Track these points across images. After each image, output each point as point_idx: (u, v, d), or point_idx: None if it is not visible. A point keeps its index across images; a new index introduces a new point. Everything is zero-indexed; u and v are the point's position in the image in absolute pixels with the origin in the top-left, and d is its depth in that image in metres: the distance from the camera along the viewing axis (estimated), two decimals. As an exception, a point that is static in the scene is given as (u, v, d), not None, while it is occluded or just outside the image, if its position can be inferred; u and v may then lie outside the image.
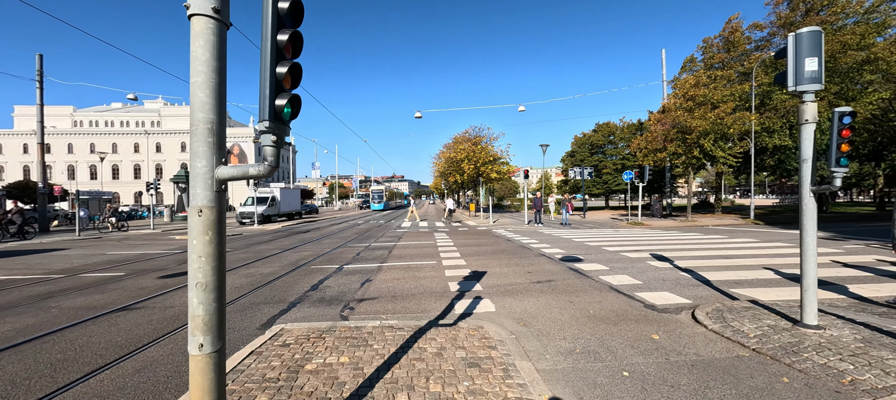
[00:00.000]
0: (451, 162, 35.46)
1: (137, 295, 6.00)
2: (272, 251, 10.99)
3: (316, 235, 16.24)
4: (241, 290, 6.21)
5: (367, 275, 7.37)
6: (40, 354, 3.70)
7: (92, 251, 11.91)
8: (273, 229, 19.58)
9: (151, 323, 4.59)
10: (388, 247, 11.62)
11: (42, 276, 7.90)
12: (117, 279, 7.36)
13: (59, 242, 14.96)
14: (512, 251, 10.36)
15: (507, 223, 21.60)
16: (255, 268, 8.29)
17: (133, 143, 65.85)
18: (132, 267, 8.77)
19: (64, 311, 5.21)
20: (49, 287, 6.74)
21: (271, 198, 25.46)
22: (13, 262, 9.96)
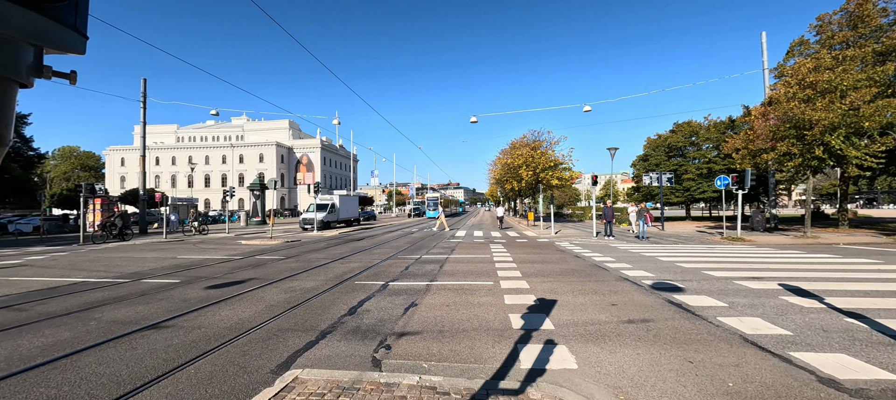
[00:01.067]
0: (507, 168, 33.87)
1: (175, 309, 5.66)
2: (321, 261, 10.61)
3: (368, 243, 15.90)
4: (275, 309, 5.58)
5: (414, 296, 6.38)
6: (35, 386, 3.22)
7: (167, 255, 12.66)
8: (330, 236, 19.83)
9: (167, 351, 4.01)
10: (439, 261, 10.62)
11: (111, 279, 8.20)
12: (169, 288, 7.28)
13: (146, 244, 16.44)
14: (584, 272, 8.70)
15: (571, 235, 19.48)
16: (298, 280, 7.78)
17: (221, 155, 74.20)
18: (189, 273, 8.84)
19: (100, 325, 4.95)
20: (106, 293, 6.81)
21: (331, 205, 26.19)
22: (101, 261, 10.81)
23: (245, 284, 7.45)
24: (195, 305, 5.92)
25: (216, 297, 6.43)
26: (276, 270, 9.22)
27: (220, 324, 4.91)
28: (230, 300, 6.16)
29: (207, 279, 8.09)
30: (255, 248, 14.65)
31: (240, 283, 7.64)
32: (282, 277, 8.24)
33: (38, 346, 4.21)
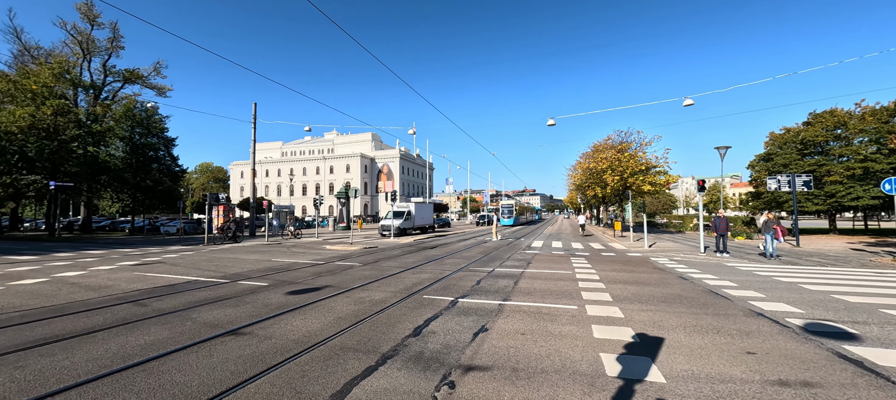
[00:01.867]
0: (589, 173, 31.15)
1: (256, 314, 5.92)
2: (393, 270, 10.60)
3: (441, 252, 15.70)
4: (342, 323, 5.45)
5: (484, 318, 5.73)
6: (121, 390, 3.39)
7: (264, 257, 14.07)
8: (405, 243, 20.26)
9: (237, 362, 4.03)
10: (513, 275, 9.78)
11: (215, 279, 9.20)
12: (257, 291, 7.82)
13: (251, 247, 18.67)
14: (697, 300, 7.06)
15: (669, 249, 16.76)
16: (369, 291, 7.73)
17: (315, 167, 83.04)
18: (277, 277, 9.50)
19: (194, 326, 5.34)
20: (207, 293, 7.55)
21: (407, 212, 26.97)
22: (213, 261, 12.43)
23: (320, 292, 7.63)
24: (274, 311, 6.14)
25: (293, 304, 6.63)
26: (350, 277, 9.41)
27: (290, 335, 4.90)
28: (303, 309, 6.27)
29: (290, 284, 8.55)
30: (336, 253, 15.52)
31: (316, 289, 7.88)
32: (354, 285, 8.31)
33: (139, 344, 4.62)
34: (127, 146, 32.87)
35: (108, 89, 34.59)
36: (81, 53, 31.98)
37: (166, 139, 36.09)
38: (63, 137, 27.32)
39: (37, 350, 4.40)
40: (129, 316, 5.90)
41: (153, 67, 35.15)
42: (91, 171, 29.25)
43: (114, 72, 34.04)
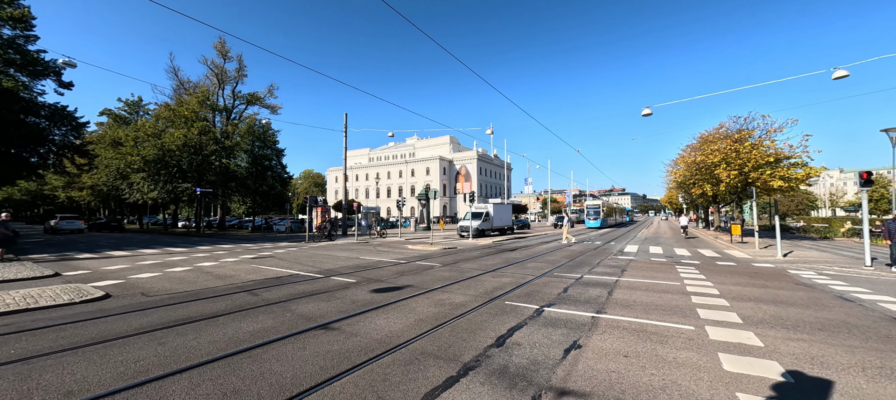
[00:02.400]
0: (696, 168, 26.89)
1: (345, 310, 6.20)
2: (473, 272, 10.37)
3: (521, 255, 15.00)
4: (423, 325, 5.36)
5: (576, 332, 5.09)
6: (229, 375, 3.72)
7: (354, 254, 15.14)
8: (483, 244, 19.97)
9: (325, 358, 4.17)
10: (606, 284, 8.72)
11: (312, 274, 10.10)
12: (346, 287, 8.30)
13: (343, 245, 20.35)
14: (874, 331, 5.32)
15: (814, 260, 13.38)
16: (449, 293, 7.60)
17: (398, 170, 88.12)
18: (364, 275, 10.03)
19: (292, 318, 5.79)
20: (305, 287, 8.26)
21: (485, 213, 26.68)
22: (311, 258, 13.79)
23: (402, 291, 7.75)
24: (360, 308, 6.37)
25: (377, 302, 6.82)
26: (430, 278, 9.45)
27: (373, 334, 4.96)
28: (386, 308, 6.38)
29: (375, 282, 8.91)
30: (417, 253, 15.95)
31: (398, 289, 8.04)
32: (435, 286, 8.28)
33: (249, 330, 5.14)
34: (249, 158, 39.08)
35: (235, 111, 41.56)
36: (217, 83, 38.99)
37: (277, 151, 41.96)
38: (205, 152, 33.58)
39: (175, 330, 5.20)
40: (244, 304, 6.70)
41: (268, 90, 41.12)
42: (224, 180, 35.45)
43: (240, 96, 40.76)
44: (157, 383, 3.54)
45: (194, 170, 32.97)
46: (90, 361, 4.09)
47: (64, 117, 25.66)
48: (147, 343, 4.63)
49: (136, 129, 35.69)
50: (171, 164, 31.76)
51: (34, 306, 6.34)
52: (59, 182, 47.78)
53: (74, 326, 5.41)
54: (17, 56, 23.28)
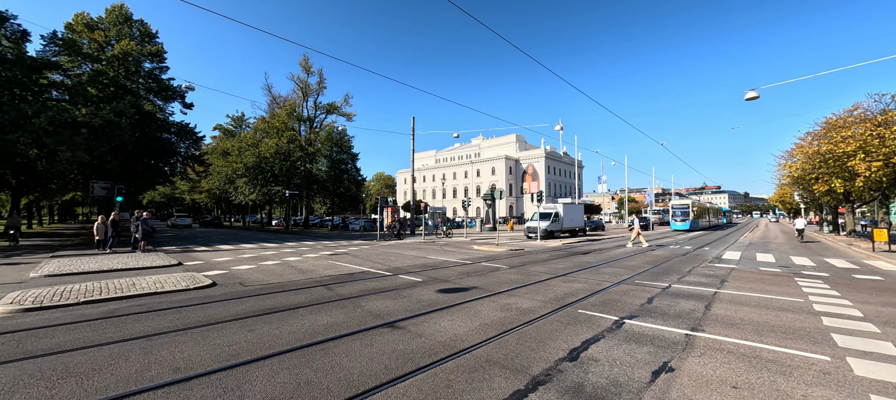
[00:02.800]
0: (820, 160, 22.23)
1: (411, 309, 6.26)
2: (542, 275, 9.81)
3: (596, 258, 13.86)
4: (488, 330, 5.13)
5: (666, 352, 4.41)
6: (302, 367, 3.91)
7: (421, 254, 15.49)
8: (553, 246, 18.97)
9: (391, 357, 4.19)
10: (702, 296, 7.54)
11: (381, 272, 10.51)
12: (412, 285, 8.44)
13: (411, 244, 21.00)
14: None
15: None
16: (516, 297, 7.24)
17: (464, 171, 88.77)
18: (429, 274, 10.13)
19: (362, 314, 6.01)
20: (374, 284, 8.59)
21: (554, 214, 25.39)
22: (381, 255, 14.43)
23: (467, 293, 7.61)
24: (425, 307, 6.38)
25: (442, 302, 6.77)
26: (496, 280, 9.16)
27: (437, 336, 4.88)
28: (451, 310, 6.28)
29: (441, 282, 8.92)
30: (483, 254, 15.72)
31: (464, 290, 7.91)
32: (501, 289, 7.98)
33: (323, 323, 5.44)
34: (328, 162, 42.75)
35: (317, 120, 45.80)
36: (302, 96, 43.35)
37: (352, 155, 45.20)
38: (292, 158, 37.55)
39: (263, 318, 5.73)
40: (320, 298, 7.17)
41: (344, 99, 44.53)
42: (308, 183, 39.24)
43: (320, 106, 44.81)
44: (245, 368, 3.88)
45: (284, 174, 37.08)
46: (195, 341, 4.67)
47: (187, 133, 30.81)
48: (240, 329, 5.16)
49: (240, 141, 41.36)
50: (266, 169, 36.15)
51: (160, 290, 7.57)
52: (185, 187, 57.59)
53: (187, 309, 6.29)
54: (154, 84, 28.57)
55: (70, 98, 24.16)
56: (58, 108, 20.87)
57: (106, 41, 26.15)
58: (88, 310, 6.25)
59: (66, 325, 5.40)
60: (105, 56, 25.85)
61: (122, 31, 26.98)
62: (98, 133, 21.88)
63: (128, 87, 26.53)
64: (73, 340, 4.76)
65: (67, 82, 25.25)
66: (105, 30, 26.55)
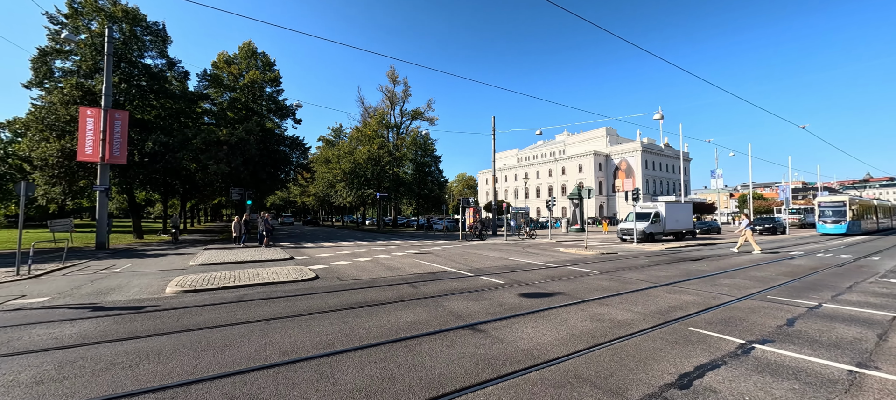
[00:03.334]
0: None
1: (492, 312, 6.13)
2: (639, 284, 8.72)
3: (709, 266, 11.83)
4: (576, 342, 4.70)
5: (818, 393, 3.45)
6: (388, 362, 4.07)
7: (503, 255, 15.22)
8: (652, 251, 16.82)
9: (471, 362, 4.11)
10: (873, 321, 5.80)
11: (463, 272, 10.58)
12: (494, 288, 8.28)
13: (492, 245, 20.81)
14: None
15: None
16: (608, 306, 6.54)
17: (547, 169, 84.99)
18: (512, 276, 9.84)
19: (444, 314, 6.09)
20: (456, 284, 8.66)
21: (654, 214, 22.55)
22: (463, 256, 14.57)
23: (552, 299, 7.15)
24: (507, 311, 6.17)
25: (525, 307, 6.47)
26: (585, 286, 8.44)
27: (520, 343, 4.64)
28: (534, 316, 5.95)
29: (523, 285, 8.58)
30: (569, 257, 14.73)
31: (548, 295, 7.46)
32: (590, 296, 7.31)
33: (408, 321, 5.64)
34: (413, 166, 45.11)
35: (403, 127, 48.72)
36: (389, 104, 46.56)
37: (435, 158, 46.90)
38: (382, 163, 40.57)
39: (355, 311, 6.20)
40: (406, 295, 7.50)
41: (427, 104, 46.46)
42: (396, 186, 41.96)
43: (406, 113, 47.52)
44: (338, 357, 4.21)
45: (375, 178, 40.32)
46: (300, 328, 5.26)
47: (298, 145, 35.71)
48: (335, 320, 5.67)
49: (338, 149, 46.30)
50: (360, 174, 39.80)
51: (275, 280, 8.80)
52: (297, 191, 66.83)
53: (295, 298, 7.17)
54: (273, 105, 33.74)
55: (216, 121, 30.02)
56: (208, 131, 26.10)
57: (239, 73, 31.81)
58: (225, 294, 7.58)
59: (210, 305, 6.61)
60: (238, 85, 31.47)
61: (249, 63, 32.50)
62: (234, 149, 26.70)
63: (254, 109, 31.84)
64: (213, 318, 5.79)
65: (213, 109, 31.43)
66: (238, 64, 32.32)
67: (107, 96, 18.55)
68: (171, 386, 3.48)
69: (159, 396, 3.29)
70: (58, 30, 21.98)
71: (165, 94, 24.80)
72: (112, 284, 8.92)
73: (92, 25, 22.58)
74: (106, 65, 18.92)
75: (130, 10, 23.14)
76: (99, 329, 5.28)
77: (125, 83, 22.77)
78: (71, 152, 20.01)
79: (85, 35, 22.11)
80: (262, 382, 3.58)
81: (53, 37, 22.12)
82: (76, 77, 22.07)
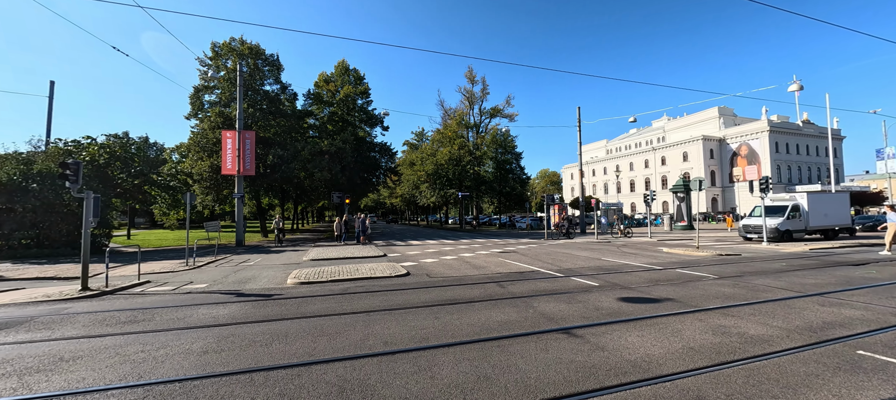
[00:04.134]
0: None
1: (588, 317, 5.72)
2: (776, 292, 7.22)
3: (882, 273, 9.21)
4: (696, 357, 4.07)
5: None
6: (480, 361, 4.07)
7: (595, 255, 14.14)
8: (790, 252, 13.80)
9: (568, 368, 3.87)
10: None
11: (551, 272, 10.11)
12: (588, 289, 7.72)
13: (582, 243, 19.49)
14: None
15: None
16: (735, 317, 5.54)
17: (644, 160, 76.41)
18: (607, 278, 9.06)
19: (534, 315, 5.89)
20: (545, 285, 8.31)
21: (791, 207, 18.53)
22: (550, 255, 13.95)
23: (660, 305, 6.36)
24: (605, 316, 5.69)
25: (626, 313, 5.88)
26: (701, 293, 7.31)
27: (624, 353, 4.22)
28: (639, 323, 5.36)
29: (622, 288, 7.82)
30: (676, 258, 12.99)
31: (654, 301, 6.66)
32: (709, 305, 6.30)
33: (498, 320, 5.59)
34: (494, 164, 44.84)
35: (482, 126, 48.81)
36: (468, 104, 47.06)
37: (516, 155, 45.91)
38: (463, 163, 41.25)
39: (446, 308, 6.39)
40: (493, 294, 7.46)
41: (506, 100, 45.73)
42: (477, 184, 42.26)
43: (485, 112, 47.49)
44: (433, 351, 4.37)
45: (456, 178, 41.20)
46: (397, 321, 5.62)
47: (386, 150, 38.52)
48: (428, 316, 5.91)
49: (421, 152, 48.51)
50: (442, 175, 41.10)
51: (372, 276, 9.59)
52: (386, 193, 72.10)
53: (391, 292, 7.70)
54: (364, 115, 36.95)
55: (318, 134, 34.10)
56: (313, 143, 29.80)
57: (335, 89, 35.59)
58: (333, 287, 8.53)
59: (321, 296, 7.50)
60: (335, 100, 35.23)
61: (344, 80, 36.14)
62: (333, 157, 29.99)
63: (348, 120, 35.29)
64: (325, 308, 6.56)
65: (316, 123, 35.72)
66: (334, 81, 36.19)
67: (239, 120, 22.52)
68: (297, 365, 4.02)
69: (289, 372, 3.83)
70: (205, 70, 27.50)
71: (280, 114, 29.08)
72: (248, 274, 10.78)
73: (227, 63, 27.68)
74: (238, 95, 22.99)
75: (254, 46, 27.72)
76: (242, 311, 6.41)
77: (251, 108, 27.36)
78: (217, 167, 24.82)
79: (223, 72, 27.22)
80: (368, 369, 3.90)
81: (203, 76, 27.74)
82: (218, 107, 27.31)
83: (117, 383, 3.63)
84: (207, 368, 4.00)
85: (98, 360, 4.27)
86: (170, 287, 9.05)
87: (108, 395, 3.40)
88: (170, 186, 33.36)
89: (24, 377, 3.83)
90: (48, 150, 22.33)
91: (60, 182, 15.75)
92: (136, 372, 3.90)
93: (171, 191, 34.54)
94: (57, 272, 11.47)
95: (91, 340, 5.00)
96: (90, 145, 24.76)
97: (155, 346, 4.72)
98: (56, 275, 11.05)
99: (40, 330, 5.57)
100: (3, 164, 17.39)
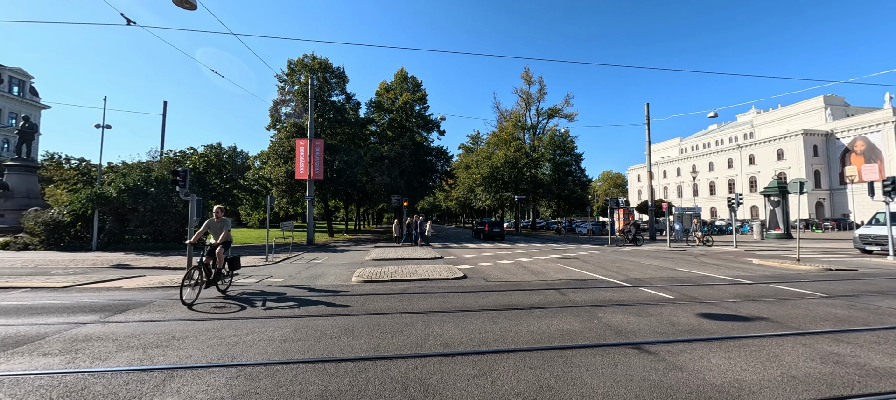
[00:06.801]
0: None
1: (662, 332, 5.25)
2: (911, 318, 5.94)
3: None
4: (801, 389, 3.51)
5: None
6: (545, 369, 3.94)
7: (667, 265, 12.94)
8: (930, 270, 11.27)
9: (641, 387, 3.59)
10: None
11: (618, 281, 9.45)
12: (661, 303, 7.08)
13: (652, 251, 17.95)
14: None
15: None
16: (849, 344, 4.68)
17: (726, 159, 68.18)
18: (683, 291, 8.23)
19: (599, 326, 5.56)
20: (611, 294, 7.79)
21: (929, 214, 15.15)
22: (615, 263, 13.04)
23: (750, 325, 5.61)
24: (682, 334, 5.17)
25: (708, 331, 5.28)
26: (804, 313, 6.30)
27: (707, 376, 3.79)
28: (725, 343, 4.78)
29: (701, 303, 7.04)
30: (771, 271, 11.35)
31: (743, 320, 5.89)
32: (815, 329, 5.40)
33: (559, 329, 5.37)
34: (552, 166, 43.30)
35: (539, 127, 47.45)
36: (525, 106, 46.11)
37: (576, 156, 43.84)
38: (519, 166, 40.45)
39: (504, 313, 6.31)
40: (554, 302, 7.19)
41: (564, 100, 44.00)
42: (533, 187, 41.14)
43: (542, 113, 46.18)
44: (493, 356, 4.34)
45: (512, 181, 40.53)
46: (456, 323, 5.68)
47: (442, 154, 39.25)
48: (486, 320, 5.89)
49: (477, 155, 48.58)
50: (497, 178, 40.74)
51: (430, 277, 9.80)
52: (441, 196, 73.37)
53: (449, 295, 7.81)
54: (421, 121, 38.08)
55: (379, 140, 35.88)
56: (374, 148, 31.45)
57: (394, 96, 37.19)
58: (393, 286, 8.89)
59: (383, 295, 7.87)
60: (394, 107, 36.81)
61: (403, 87, 37.63)
62: (393, 162, 31.33)
63: (407, 126, 36.63)
64: (387, 306, 6.86)
65: (377, 130, 37.61)
66: (394, 89, 37.84)
67: (310, 129, 24.61)
68: (364, 358, 4.26)
69: (356, 365, 4.07)
70: (282, 85, 30.54)
71: (345, 123, 31.20)
72: (318, 272, 11.69)
73: (300, 78, 30.43)
74: (310, 106, 25.15)
75: (323, 61, 30.14)
76: (314, 306, 6.97)
77: (320, 117, 29.74)
78: (291, 173, 27.36)
79: (296, 86, 30.00)
80: (429, 368, 4.00)
81: (281, 90, 30.83)
82: (293, 118, 30.13)
83: (216, 362, 4.17)
84: (287, 354, 4.42)
85: (200, 340, 4.95)
86: (253, 280, 10.16)
87: (209, 371, 3.92)
88: (253, 190, 37.57)
89: (148, 350, 4.57)
90: (162, 159, 26.49)
91: (172, 187, 18.56)
92: (231, 353, 4.44)
93: (254, 194, 38.82)
94: (167, 263, 13.52)
95: (194, 323, 5.81)
96: (192, 155, 28.84)
97: (244, 331, 5.33)
98: (167, 265, 13.03)
99: (157, 311, 6.61)
100: (130, 171, 21.02)
